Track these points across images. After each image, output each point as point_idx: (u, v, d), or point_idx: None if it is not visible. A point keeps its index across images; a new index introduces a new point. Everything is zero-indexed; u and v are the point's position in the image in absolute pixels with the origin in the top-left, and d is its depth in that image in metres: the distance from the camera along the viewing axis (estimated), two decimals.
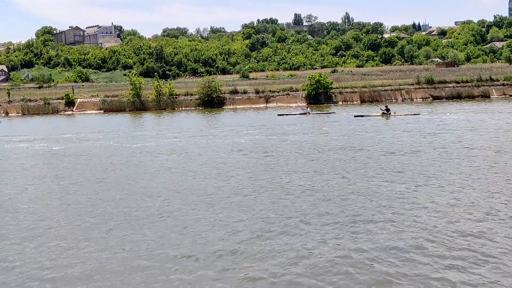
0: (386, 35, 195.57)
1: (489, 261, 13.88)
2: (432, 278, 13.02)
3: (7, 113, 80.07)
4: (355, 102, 76.45)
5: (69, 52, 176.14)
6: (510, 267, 13.49)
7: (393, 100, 76.04)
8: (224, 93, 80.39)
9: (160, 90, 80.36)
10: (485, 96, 75.39)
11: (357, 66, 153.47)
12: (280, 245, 15.60)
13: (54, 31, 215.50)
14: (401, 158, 28.49)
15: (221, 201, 20.92)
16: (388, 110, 53.02)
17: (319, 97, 76.65)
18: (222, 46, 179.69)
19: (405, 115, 53.15)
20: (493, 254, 14.27)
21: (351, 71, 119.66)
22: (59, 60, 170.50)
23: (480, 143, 32.74)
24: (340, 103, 76.17)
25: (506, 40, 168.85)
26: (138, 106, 79.90)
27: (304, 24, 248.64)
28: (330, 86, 77.45)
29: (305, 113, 59.43)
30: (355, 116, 53.68)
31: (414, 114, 53.37)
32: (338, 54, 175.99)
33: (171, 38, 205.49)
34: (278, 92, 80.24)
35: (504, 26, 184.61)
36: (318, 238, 16.06)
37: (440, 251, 14.59)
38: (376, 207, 19.04)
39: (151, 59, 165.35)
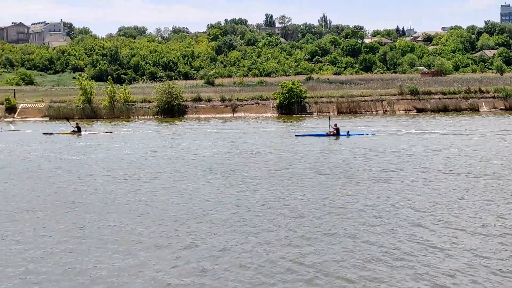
0: (367, 40, 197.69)
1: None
2: None
3: None
4: (331, 113, 76.88)
5: (11, 51, 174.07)
6: None
7: (374, 112, 76.75)
8: (186, 100, 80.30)
9: (114, 96, 79.84)
10: (474, 109, 76.46)
11: (335, 74, 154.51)
12: None
13: None
14: None
15: None
16: (79, 128, 56.85)
17: (292, 107, 76.96)
18: (185, 48, 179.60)
19: (98, 133, 57.04)
20: None
21: (328, 79, 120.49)
22: (0, 60, 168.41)
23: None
24: (315, 114, 76.59)
25: (497, 48, 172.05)
26: (88, 113, 79.26)
27: (276, 25, 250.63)
28: (304, 95, 77.85)
29: None
30: (43, 134, 56.75)
31: (107, 132, 57.27)
32: (314, 59, 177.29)
33: (128, 38, 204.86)
34: (247, 100, 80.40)
35: (496, 33, 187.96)
36: None
37: None
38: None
39: (105, 61, 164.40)
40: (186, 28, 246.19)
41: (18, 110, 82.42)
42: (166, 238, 19.08)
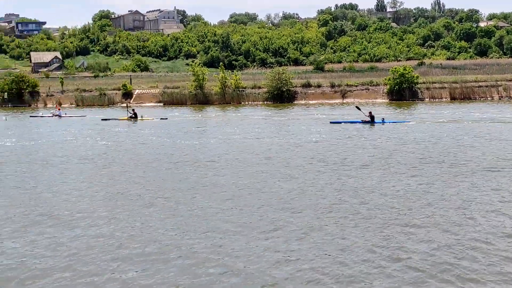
0: (482, 24, 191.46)
1: None
2: None
3: (60, 104, 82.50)
4: (444, 99, 75.20)
5: (127, 38, 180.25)
6: None
7: (488, 98, 74.40)
8: (296, 86, 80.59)
9: (225, 82, 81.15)
10: None
11: (448, 59, 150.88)
12: None
13: (112, 16, 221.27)
14: None
15: None
16: (135, 114, 57.63)
17: (403, 93, 75.82)
18: (295, 34, 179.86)
19: (153, 119, 57.29)
20: None
21: (441, 64, 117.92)
22: (117, 47, 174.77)
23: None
24: (427, 99, 75.08)
25: None
26: (200, 99, 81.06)
27: (388, 10, 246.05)
28: (415, 81, 76.47)
29: (58, 116, 64.20)
30: (102, 120, 58.63)
31: (162, 119, 57.31)
32: (426, 44, 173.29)
33: (239, 24, 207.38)
34: (356, 86, 79.88)
35: None
36: None
37: None
38: None
39: (216, 48, 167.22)
40: (297, 14, 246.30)
41: (134, 96, 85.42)
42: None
